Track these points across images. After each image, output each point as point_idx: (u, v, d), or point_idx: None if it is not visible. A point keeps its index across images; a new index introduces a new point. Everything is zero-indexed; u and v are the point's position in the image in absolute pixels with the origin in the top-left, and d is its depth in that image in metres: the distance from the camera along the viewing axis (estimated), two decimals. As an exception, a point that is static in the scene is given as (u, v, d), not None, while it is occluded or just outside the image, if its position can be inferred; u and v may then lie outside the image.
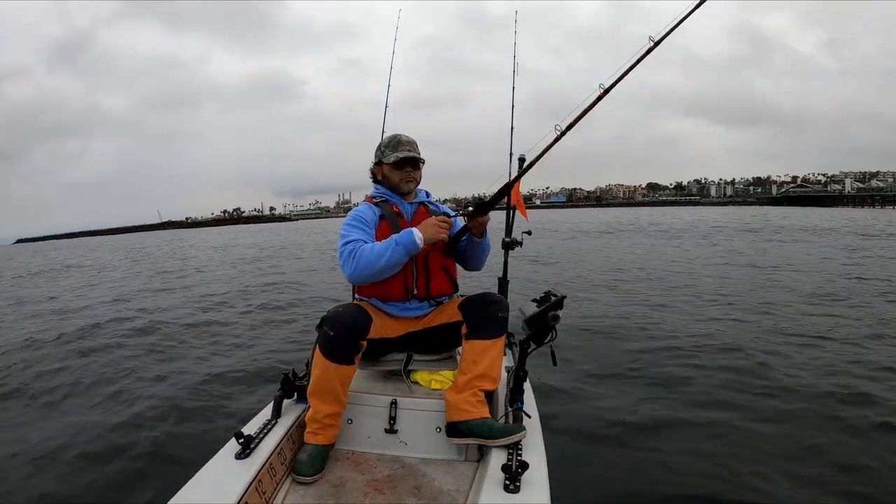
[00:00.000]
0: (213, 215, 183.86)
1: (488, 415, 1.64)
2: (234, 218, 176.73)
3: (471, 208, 1.81)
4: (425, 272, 1.84)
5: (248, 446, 1.44)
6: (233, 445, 1.45)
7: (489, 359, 1.67)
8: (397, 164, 1.88)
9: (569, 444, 2.56)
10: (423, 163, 1.94)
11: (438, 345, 1.90)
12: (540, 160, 1.84)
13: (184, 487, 1.26)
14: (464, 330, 1.74)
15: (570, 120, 1.72)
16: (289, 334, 5.12)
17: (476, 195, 1.95)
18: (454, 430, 1.63)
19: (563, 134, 1.71)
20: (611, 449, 2.56)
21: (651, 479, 2.27)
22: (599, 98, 1.70)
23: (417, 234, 1.69)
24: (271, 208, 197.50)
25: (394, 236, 1.71)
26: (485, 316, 1.71)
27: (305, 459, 1.57)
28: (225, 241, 31.02)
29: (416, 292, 1.83)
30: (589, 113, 1.73)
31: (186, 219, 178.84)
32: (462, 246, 1.90)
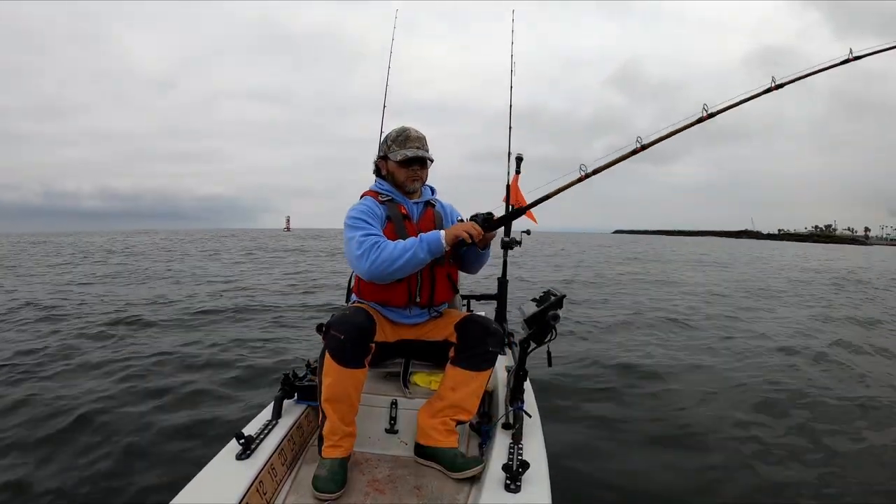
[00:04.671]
0: (806, 229, 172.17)
1: (456, 445, 1.63)
2: (820, 235, 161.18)
3: (481, 218, 1.69)
4: (430, 280, 1.78)
5: (248, 447, 1.44)
6: (233, 446, 1.45)
7: (468, 390, 1.65)
8: (404, 162, 1.77)
9: (569, 443, 2.55)
10: (432, 161, 1.83)
11: (435, 357, 1.85)
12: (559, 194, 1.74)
13: (185, 488, 1.26)
14: (451, 353, 1.70)
15: (601, 164, 1.67)
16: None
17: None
18: (420, 450, 1.67)
19: (587, 176, 1.68)
20: (611, 448, 2.55)
21: (652, 479, 2.27)
22: (635, 152, 1.67)
23: (443, 233, 1.60)
24: (866, 228, 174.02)
25: (421, 234, 1.62)
26: (475, 346, 1.67)
27: (326, 475, 1.48)
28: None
29: (418, 300, 1.78)
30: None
31: (779, 230, 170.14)
32: (462, 251, 1.81)
